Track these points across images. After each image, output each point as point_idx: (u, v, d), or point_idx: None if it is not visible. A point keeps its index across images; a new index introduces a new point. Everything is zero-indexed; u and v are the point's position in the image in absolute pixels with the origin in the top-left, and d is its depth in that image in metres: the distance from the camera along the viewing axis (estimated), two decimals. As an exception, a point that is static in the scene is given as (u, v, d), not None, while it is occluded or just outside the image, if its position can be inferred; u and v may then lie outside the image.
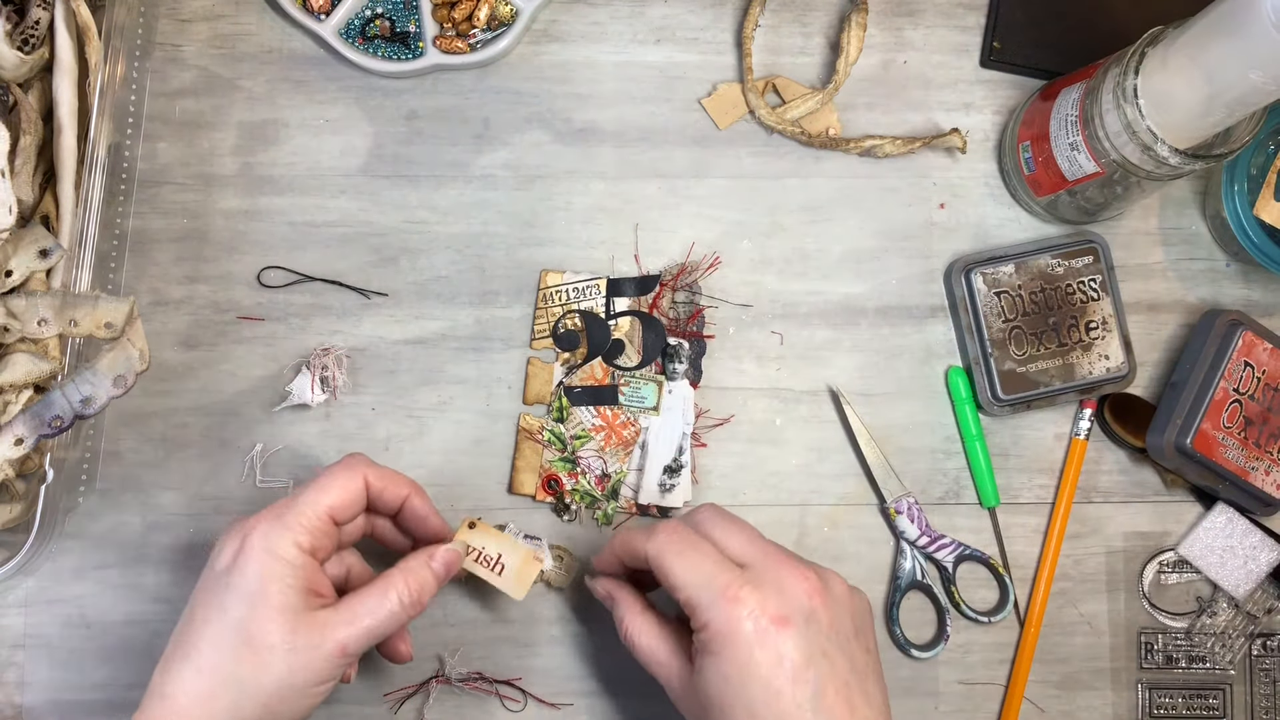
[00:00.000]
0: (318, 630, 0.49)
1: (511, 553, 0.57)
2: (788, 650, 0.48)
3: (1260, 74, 0.49)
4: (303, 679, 0.49)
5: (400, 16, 0.64)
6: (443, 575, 0.53)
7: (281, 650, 0.48)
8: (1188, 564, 0.64)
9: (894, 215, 0.66)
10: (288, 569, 0.49)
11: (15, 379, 0.55)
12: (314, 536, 0.50)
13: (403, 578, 0.52)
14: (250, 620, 0.48)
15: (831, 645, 0.49)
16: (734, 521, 0.52)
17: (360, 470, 0.53)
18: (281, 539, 0.50)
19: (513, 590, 0.56)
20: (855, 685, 0.49)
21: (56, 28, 0.57)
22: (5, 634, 0.61)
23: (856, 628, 0.51)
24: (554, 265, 0.64)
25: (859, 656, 0.50)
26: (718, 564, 0.50)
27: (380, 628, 0.50)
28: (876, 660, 0.52)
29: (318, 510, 0.51)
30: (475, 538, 0.56)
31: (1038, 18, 0.66)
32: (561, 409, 0.63)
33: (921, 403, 0.65)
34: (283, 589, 0.49)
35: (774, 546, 0.51)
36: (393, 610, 0.51)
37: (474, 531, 0.57)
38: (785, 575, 0.49)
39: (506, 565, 0.56)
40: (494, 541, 0.57)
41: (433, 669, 0.62)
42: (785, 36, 0.66)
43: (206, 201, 0.64)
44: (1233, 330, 0.61)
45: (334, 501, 0.51)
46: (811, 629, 0.48)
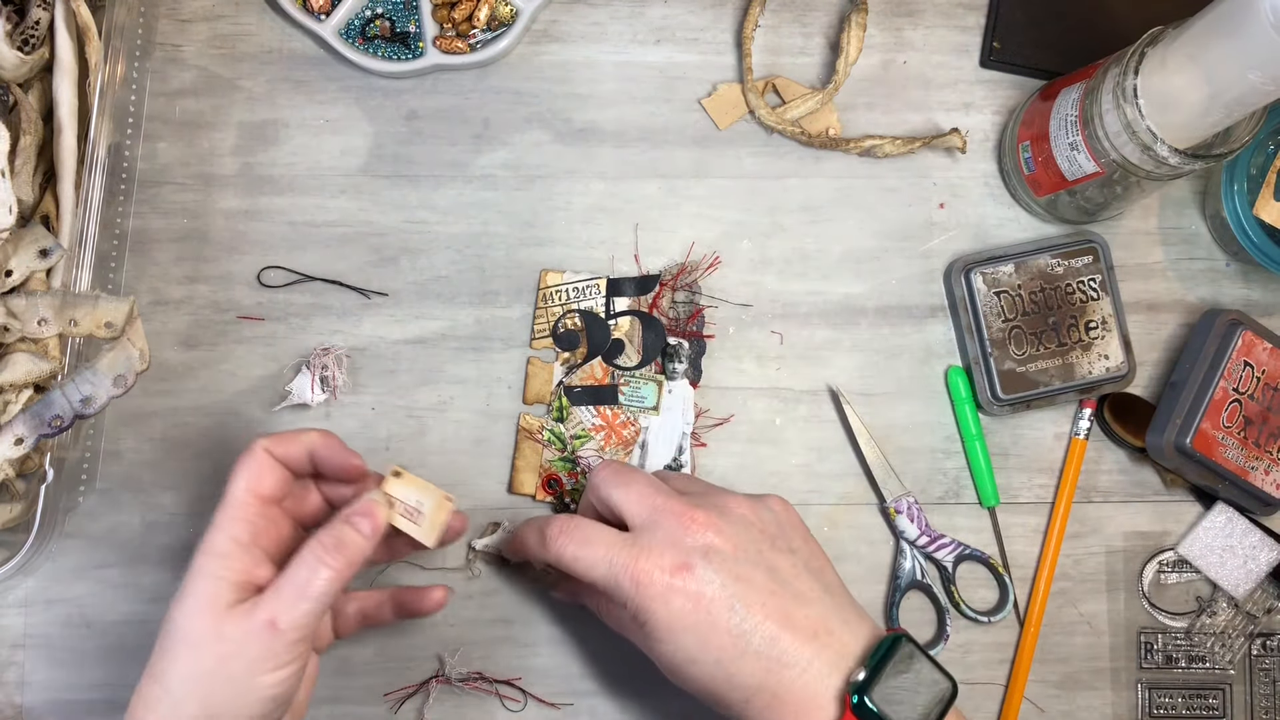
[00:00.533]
0: (244, 614, 0.48)
1: (428, 498, 0.53)
2: (697, 589, 0.49)
3: (1259, 74, 0.49)
4: (240, 668, 0.47)
5: (400, 16, 0.64)
6: (364, 527, 0.50)
7: (209, 642, 0.47)
8: (1187, 564, 0.64)
9: (894, 215, 0.66)
10: (220, 563, 0.49)
11: (15, 379, 0.55)
12: (246, 525, 0.50)
13: (316, 541, 0.49)
14: (180, 618, 0.48)
15: (742, 566, 0.50)
16: (620, 481, 0.53)
17: (256, 445, 0.51)
18: (217, 536, 0.49)
19: (425, 537, 0.53)
20: (783, 591, 0.50)
21: (56, 28, 0.57)
22: (5, 634, 0.61)
23: (770, 536, 0.52)
24: (554, 265, 0.64)
25: (780, 561, 0.51)
26: (610, 545, 0.51)
27: (310, 592, 0.48)
28: (809, 554, 0.53)
29: (239, 498, 0.50)
30: (398, 487, 0.53)
31: (1038, 18, 0.66)
32: (561, 409, 0.63)
33: (921, 403, 0.65)
34: (212, 582, 0.48)
35: (661, 496, 0.52)
36: (313, 570, 0.48)
37: (399, 481, 0.53)
38: (673, 525, 0.51)
39: (424, 511, 0.53)
40: (415, 490, 0.53)
41: (433, 669, 0.62)
42: (785, 36, 0.67)
43: (206, 201, 0.64)
44: (1232, 330, 0.61)
45: (246, 483, 0.50)
46: (715, 561, 0.50)
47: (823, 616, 0.50)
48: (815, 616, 0.50)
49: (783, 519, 0.54)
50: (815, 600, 0.51)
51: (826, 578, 0.52)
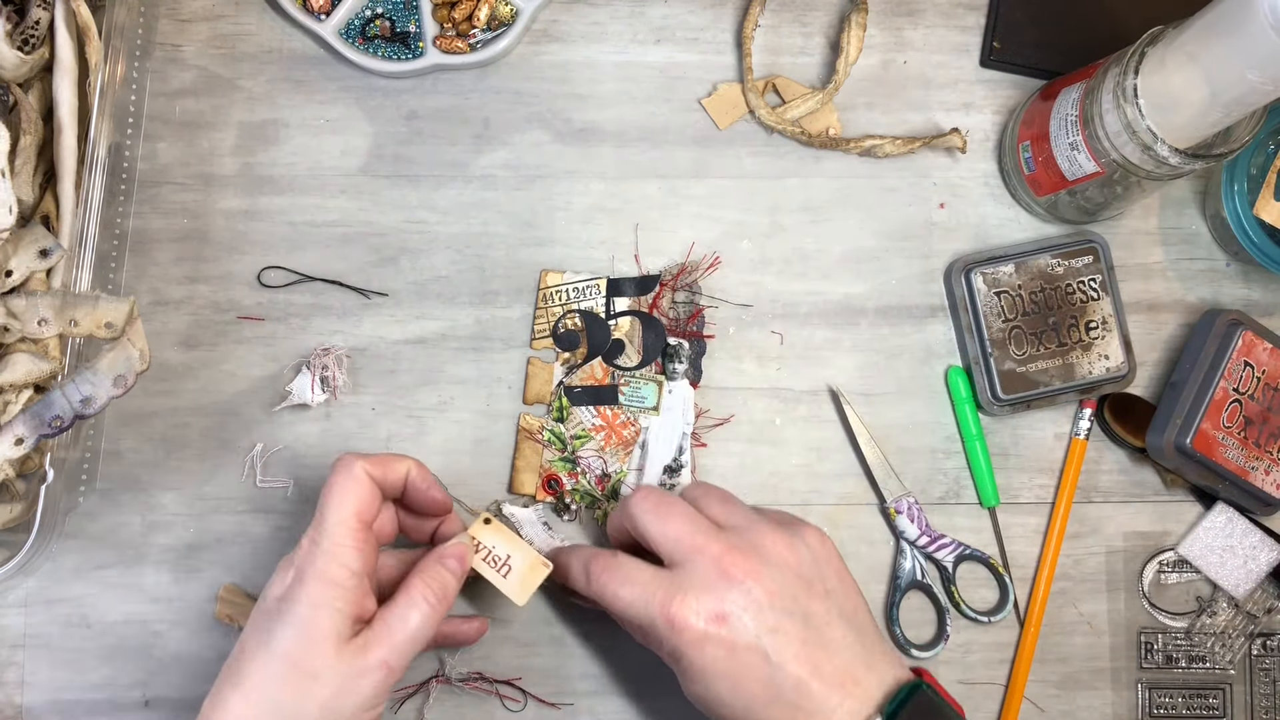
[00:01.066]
0: (360, 653, 0.49)
1: (519, 555, 0.56)
2: (732, 638, 0.50)
3: (1258, 74, 0.49)
4: (351, 703, 0.48)
5: (400, 16, 0.64)
6: (458, 571, 0.53)
7: (327, 676, 0.48)
8: (1188, 564, 0.64)
9: (894, 215, 0.66)
10: (339, 594, 0.49)
11: (15, 379, 0.55)
12: (356, 554, 0.50)
13: (422, 582, 0.51)
14: (298, 648, 0.48)
15: (778, 615, 0.50)
16: (659, 516, 0.53)
17: (356, 466, 0.52)
18: (327, 564, 0.49)
19: (515, 595, 0.56)
20: (815, 640, 0.51)
21: (56, 28, 0.57)
22: (5, 634, 0.61)
23: (807, 580, 0.52)
24: (554, 265, 0.64)
25: (815, 607, 0.51)
26: (648, 585, 0.51)
27: (416, 636, 0.50)
28: (844, 595, 0.53)
29: (347, 524, 0.50)
30: (487, 535, 0.56)
31: (1038, 18, 0.66)
32: (561, 409, 0.63)
33: (921, 403, 0.65)
34: (331, 614, 0.49)
35: (700, 536, 0.52)
36: (424, 616, 0.50)
37: (488, 528, 0.56)
38: (710, 570, 0.51)
39: (513, 567, 0.56)
40: (504, 541, 0.56)
41: (433, 669, 0.62)
42: (785, 36, 0.67)
43: (206, 201, 0.64)
44: (1232, 330, 0.61)
45: (354, 509, 0.51)
46: (751, 610, 0.50)
47: (850, 665, 0.51)
48: (843, 665, 0.51)
49: (820, 556, 0.53)
50: (845, 648, 0.51)
51: (858, 619, 0.53)
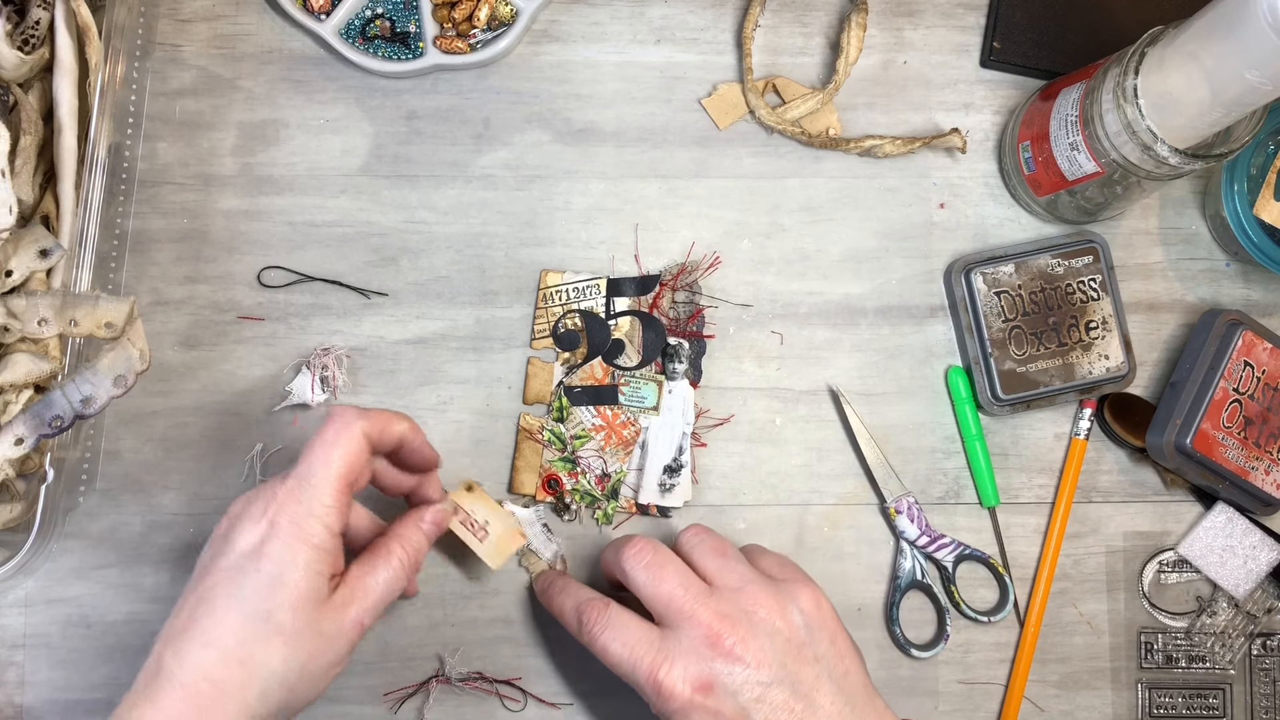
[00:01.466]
0: (337, 614, 0.49)
1: (498, 522, 0.57)
2: (717, 707, 0.50)
3: (1256, 74, 0.49)
4: (325, 661, 0.49)
5: (400, 16, 0.64)
6: (433, 535, 0.54)
7: (307, 636, 0.48)
8: (1188, 564, 0.64)
9: (894, 215, 0.66)
10: (316, 555, 0.49)
11: (15, 379, 0.55)
12: (339, 515, 0.50)
13: (400, 545, 0.52)
14: (279, 609, 0.48)
15: (765, 685, 0.50)
16: (651, 576, 0.53)
17: (356, 425, 0.51)
18: (311, 524, 0.49)
19: (490, 559, 0.57)
20: (801, 709, 0.51)
21: (56, 28, 0.57)
22: (5, 634, 0.61)
23: (797, 645, 0.52)
24: (554, 265, 0.64)
25: (804, 673, 0.51)
26: (638, 643, 0.52)
27: (388, 596, 0.51)
28: (835, 658, 0.52)
29: (335, 485, 0.50)
30: (467, 501, 0.58)
31: (1038, 18, 0.66)
32: (561, 409, 0.63)
33: (921, 403, 0.65)
34: (310, 576, 0.48)
35: (689, 601, 0.52)
36: (396, 577, 0.52)
37: (470, 495, 0.58)
38: (699, 637, 0.51)
39: (490, 533, 0.57)
40: (484, 507, 0.58)
41: (433, 669, 0.62)
42: (785, 36, 0.67)
43: (206, 201, 0.64)
44: (1232, 330, 0.61)
45: (345, 470, 0.50)
46: (737, 679, 0.50)
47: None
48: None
49: (812, 621, 0.53)
50: (833, 713, 0.51)
51: (848, 683, 0.52)
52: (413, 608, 0.62)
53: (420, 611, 0.62)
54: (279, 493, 0.50)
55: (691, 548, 0.55)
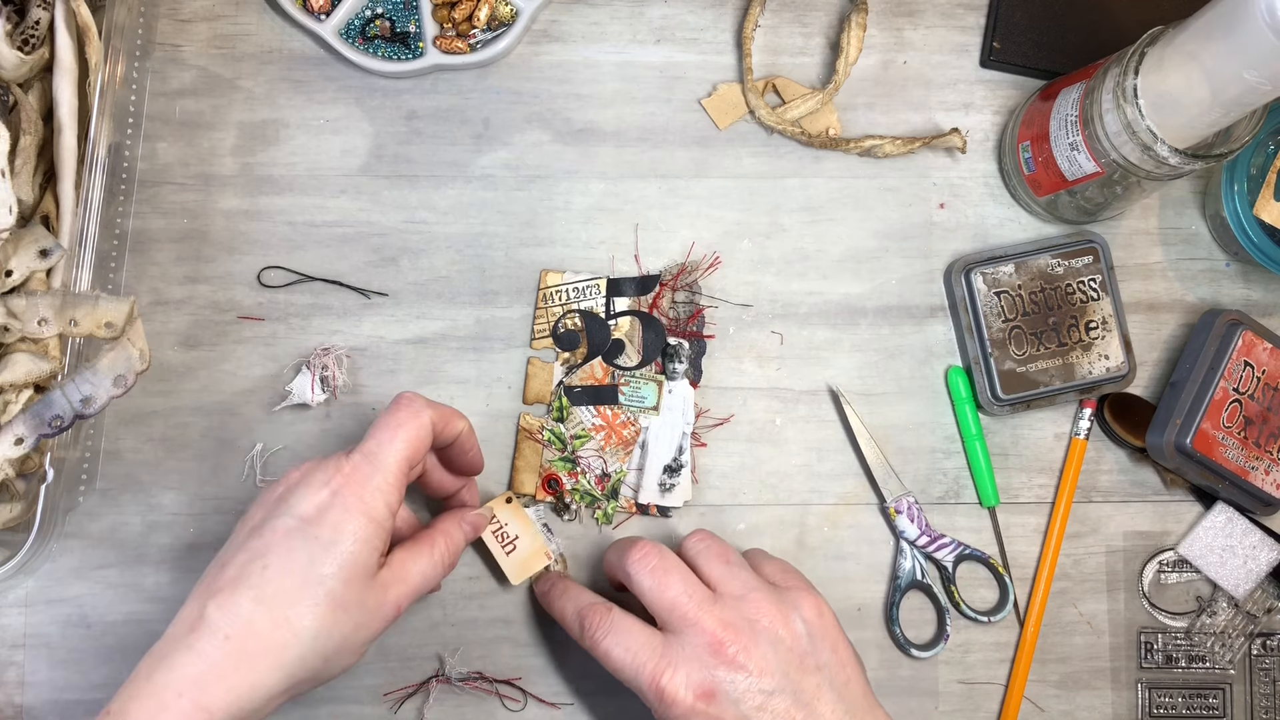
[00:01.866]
0: (381, 591, 0.50)
1: (527, 539, 0.59)
2: (718, 714, 0.50)
3: (1255, 74, 0.49)
4: (363, 636, 0.50)
5: (400, 16, 0.64)
6: (472, 536, 0.57)
7: (353, 607, 0.49)
8: (1188, 563, 0.64)
9: (894, 215, 0.66)
10: (378, 532, 0.49)
11: (15, 379, 0.55)
12: (399, 494, 0.51)
13: (443, 539, 0.54)
14: (332, 577, 0.48)
15: (766, 694, 0.51)
16: (656, 581, 0.53)
17: (425, 414, 0.52)
18: (375, 500, 0.50)
19: (512, 574, 0.59)
20: (803, 716, 0.51)
21: (56, 28, 0.57)
22: (5, 634, 0.61)
23: (800, 654, 0.52)
24: (554, 265, 0.64)
25: (806, 682, 0.51)
26: (640, 649, 0.52)
27: (425, 586, 0.53)
28: (836, 667, 0.53)
29: (399, 465, 0.51)
30: (504, 512, 0.60)
31: (1038, 18, 0.66)
32: (561, 408, 0.63)
33: (921, 403, 0.65)
34: (366, 549, 0.49)
35: (693, 607, 0.52)
36: (435, 569, 0.53)
37: (509, 507, 0.60)
38: (702, 644, 0.51)
39: (518, 548, 0.59)
40: (518, 522, 0.60)
41: (433, 669, 0.62)
42: (785, 36, 0.67)
43: (206, 201, 0.64)
44: (1232, 330, 0.61)
45: (409, 453, 0.51)
46: (739, 687, 0.51)
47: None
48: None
49: (815, 630, 0.53)
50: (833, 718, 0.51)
51: (849, 692, 0.53)
52: (413, 608, 0.62)
53: (420, 611, 0.62)
54: (344, 465, 0.50)
55: (696, 554, 0.55)
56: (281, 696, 0.48)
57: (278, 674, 0.47)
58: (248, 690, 0.46)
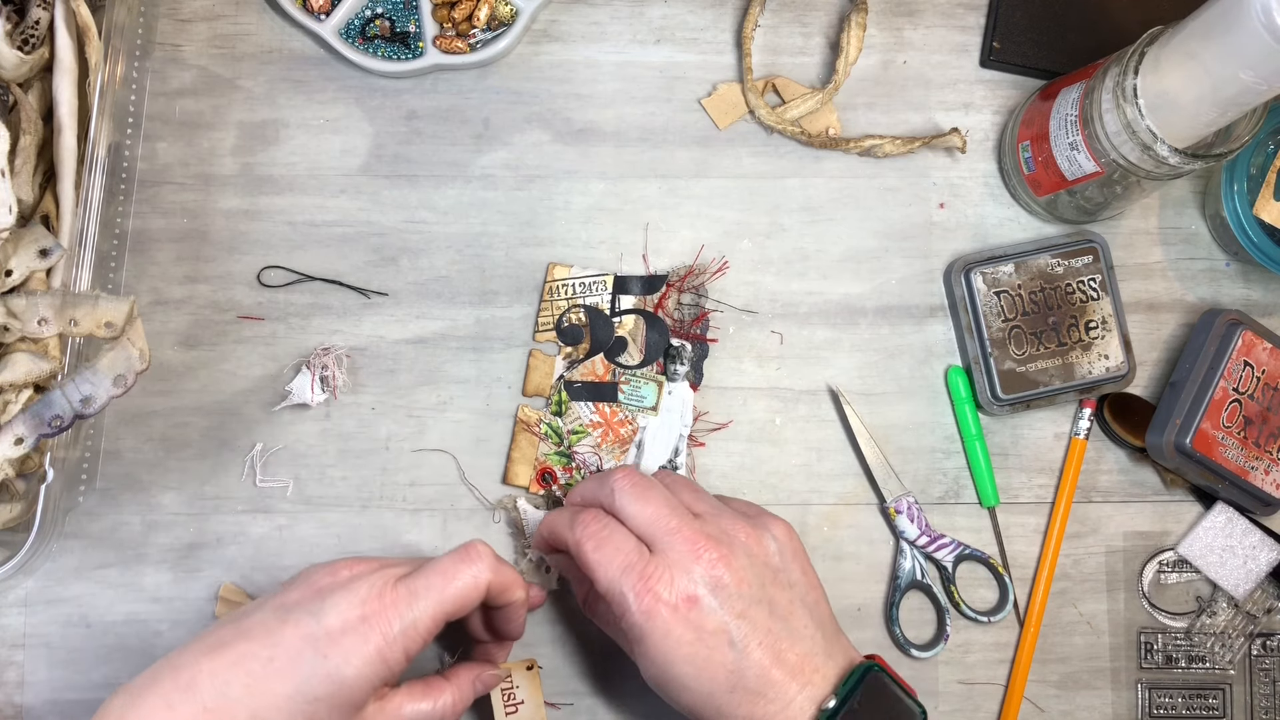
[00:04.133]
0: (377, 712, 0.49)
1: (531, 707, 0.59)
2: (700, 621, 0.51)
3: (1251, 74, 0.49)
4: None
5: (400, 16, 0.64)
6: (480, 694, 0.55)
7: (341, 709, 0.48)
8: (1187, 564, 0.64)
9: (894, 215, 0.66)
10: (382, 673, 0.48)
11: (15, 379, 0.55)
12: (424, 643, 0.50)
13: (452, 692, 0.52)
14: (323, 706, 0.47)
15: (745, 602, 0.51)
16: (638, 496, 0.54)
17: (484, 577, 0.51)
18: (396, 644, 0.48)
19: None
20: (779, 629, 0.52)
21: (56, 28, 0.57)
22: (5, 634, 0.61)
23: (774, 569, 0.53)
24: (556, 263, 0.64)
25: (780, 596, 0.52)
26: (628, 553, 0.52)
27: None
28: (806, 587, 0.54)
29: (437, 618, 0.49)
30: (520, 678, 0.59)
31: (1038, 18, 0.66)
32: (560, 403, 0.63)
33: (921, 402, 0.65)
34: (365, 689, 0.48)
35: (675, 519, 0.53)
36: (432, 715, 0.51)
37: (528, 674, 0.60)
38: (684, 551, 0.52)
39: (519, 713, 0.59)
40: (528, 689, 0.59)
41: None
42: (785, 36, 0.67)
43: (206, 201, 0.64)
44: (1232, 330, 0.61)
45: (452, 609, 0.50)
46: (720, 595, 0.51)
47: (811, 653, 0.52)
48: (804, 653, 0.52)
49: (785, 549, 0.54)
50: (807, 637, 0.52)
51: (819, 611, 0.54)
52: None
53: (420, 611, 0.62)
54: (386, 593, 0.49)
55: (670, 481, 0.56)
56: None
57: None
58: None
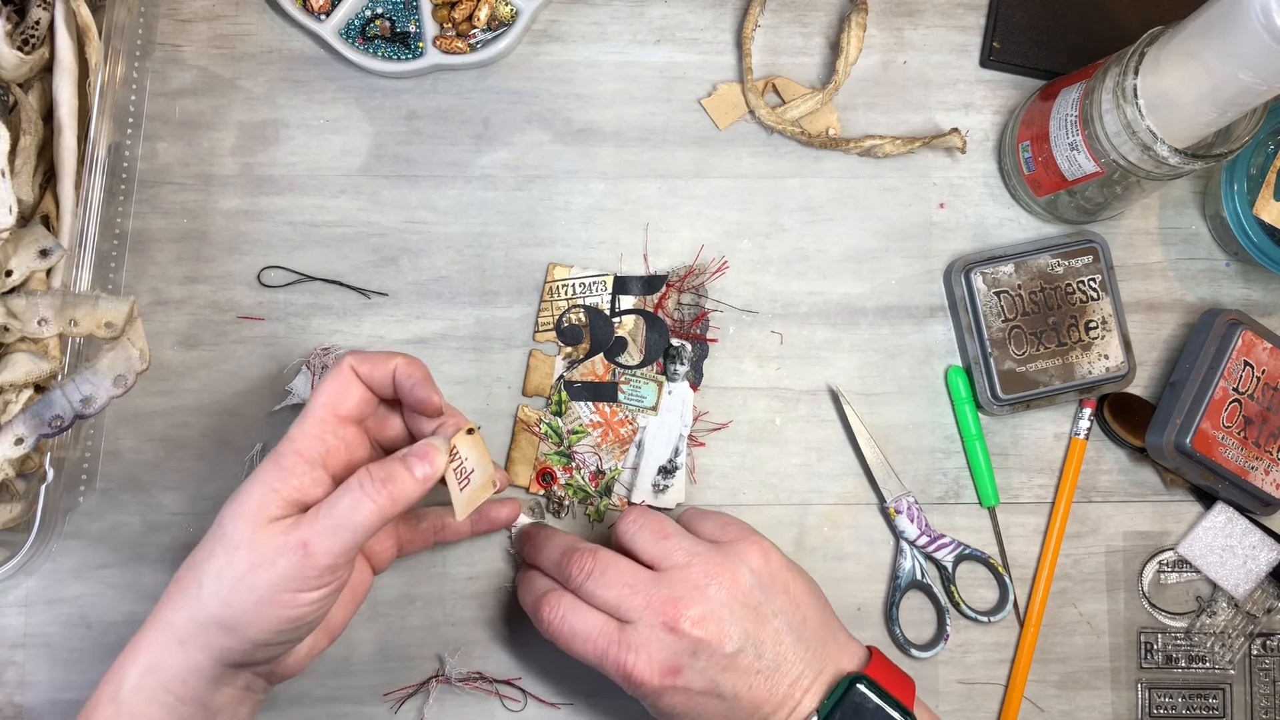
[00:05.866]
0: (282, 531, 0.48)
1: (480, 471, 0.53)
2: (686, 685, 0.52)
3: (1250, 74, 0.49)
4: (265, 582, 0.47)
5: (400, 16, 0.64)
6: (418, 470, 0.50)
7: (246, 547, 0.48)
8: (1187, 564, 0.64)
9: (894, 215, 0.66)
10: (278, 475, 0.49)
11: (15, 379, 0.55)
12: (316, 441, 0.50)
13: (366, 472, 0.49)
14: (226, 517, 0.49)
15: (727, 655, 0.52)
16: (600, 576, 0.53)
17: (345, 360, 0.52)
18: (284, 446, 0.50)
19: (458, 507, 0.52)
20: (768, 667, 0.52)
21: (56, 28, 0.57)
22: (5, 634, 0.61)
23: (753, 605, 0.53)
24: (556, 263, 0.64)
25: (764, 633, 0.52)
26: (600, 637, 0.52)
27: (343, 523, 0.48)
28: (791, 609, 0.54)
29: (316, 414, 0.51)
30: (465, 445, 0.52)
31: (1038, 18, 0.66)
32: (560, 403, 0.63)
33: (921, 402, 0.65)
34: (265, 492, 0.49)
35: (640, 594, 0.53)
36: (354, 503, 0.48)
37: (470, 438, 0.53)
38: (657, 624, 0.52)
39: (471, 481, 0.53)
40: (477, 456, 0.53)
41: (433, 669, 0.62)
42: (785, 36, 0.67)
43: (206, 201, 0.64)
44: (1232, 330, 0.61)
45: (326, 399, 0.51)
46: (702, 656, 0.52)
47: (800, 676, 0.53)
48: (794, 677, 0.53)
49: (763, 578, 0.54)
50: (796, 661, 0.53)
51: (807, 628, 0.54)
52: (413, 608, 0.62)
53: (420, 611, 0.62)
54: None
55: (631, 536, 0.55)
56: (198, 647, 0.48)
57: (182, 613, 0.48)
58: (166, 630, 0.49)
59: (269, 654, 0.50)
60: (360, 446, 0.53)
